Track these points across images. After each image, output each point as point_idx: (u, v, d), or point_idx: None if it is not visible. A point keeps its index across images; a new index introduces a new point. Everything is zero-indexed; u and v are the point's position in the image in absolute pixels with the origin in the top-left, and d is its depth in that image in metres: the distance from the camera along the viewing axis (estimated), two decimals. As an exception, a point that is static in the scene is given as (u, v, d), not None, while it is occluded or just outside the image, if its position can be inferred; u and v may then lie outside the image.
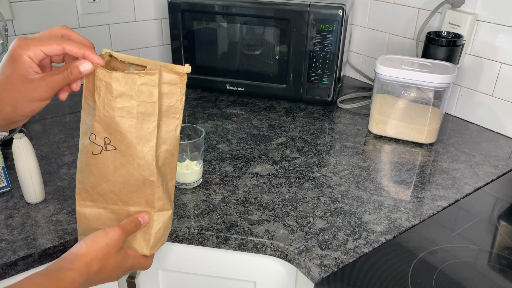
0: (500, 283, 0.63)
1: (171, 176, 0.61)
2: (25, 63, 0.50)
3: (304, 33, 1.09)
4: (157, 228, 0.61)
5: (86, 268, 0.53)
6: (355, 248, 0.68)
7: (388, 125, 1.01)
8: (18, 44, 0.50)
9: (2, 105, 0.51)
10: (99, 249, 0.54)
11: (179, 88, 0.56)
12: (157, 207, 0.60)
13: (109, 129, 0.55)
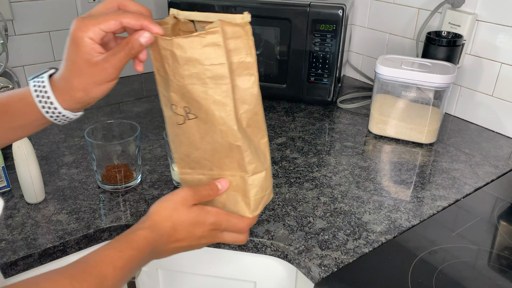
0: (500, 283, 0.63)
1: (261, 134, 0.59)
2: (87, 45, 0.49)
3: (304, 33, 1.09)
4: (254, 191, 0.59)
5: (156, 224, 0.53)
6: (355, 248, 0.68)
7: (388, 125, 1.01)
8: (77, 26, 0.49)
9: (74, 90, 0.51)
10: (167, 205, 0.55)
11: (245, 40, 0.52)
12: (250, 171, 0.57)
13: (185, 98, 0.53)
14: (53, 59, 1.22)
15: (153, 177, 0.85)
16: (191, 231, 0.56)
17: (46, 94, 0.51)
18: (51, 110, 0.52)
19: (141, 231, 0.52)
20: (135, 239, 0.51)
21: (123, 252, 0.49)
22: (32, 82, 0.52)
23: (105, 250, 0.48)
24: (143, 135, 1.01)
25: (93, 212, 0.75)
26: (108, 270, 0.46)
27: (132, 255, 0.49)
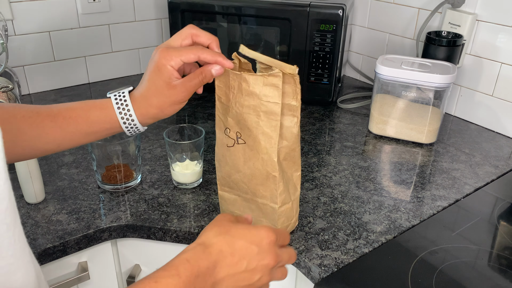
0: (500, 283, 0.63)
1: (295, 168, 0.66)
2: (169, 71, 0.57)
3: (304, 33, 1.09)
4: (281, 221, 0.66)
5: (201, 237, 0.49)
6: (355, 248, 0.68)
7: (388, 125, 1.01)
8: (162, 55, 0.57)
9: (151, 107, 0.59)
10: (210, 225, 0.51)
11: (293, 87, 0.59)
12: (279, 201, 0.64)
13: (239, 125, 0.62)
14: (53, 59, 1.22)
15: (153, 177, 0.85)
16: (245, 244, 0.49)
17: (127, 107, 0.58)
18: (128, 121, 0.59)
19: (183, 254, 0.47)
20: (174, 264, 0.45)
21: (159, 283, 0.43)
22: (113, 95, 0.59)
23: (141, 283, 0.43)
24: (143, 135, 1.01)
25: (93, 212, 0.75)
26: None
27: (170, 283, 0.43)
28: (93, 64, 1.29)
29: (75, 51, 1.24)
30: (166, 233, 0.73)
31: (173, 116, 1.12)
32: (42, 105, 0.59)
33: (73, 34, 1.22)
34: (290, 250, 0.54)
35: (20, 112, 0.57)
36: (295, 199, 0.68)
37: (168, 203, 0.78)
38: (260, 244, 0.49)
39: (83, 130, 0.59)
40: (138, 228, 0.74)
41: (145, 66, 1.38)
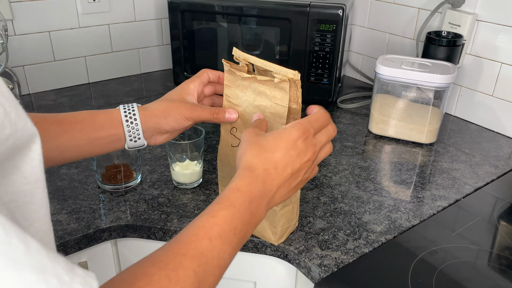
0: (500, 283, 0.63)
1: None
2: (189, 89, 0.63)
3: (304, 33, 1.09)
4: (282, 222, 0.67)
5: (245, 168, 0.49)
6: (355, 248, 0.68)
7: (388, 125, 1.01)
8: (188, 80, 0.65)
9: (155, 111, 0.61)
10: (243, 149, 0.52)
11: (295, 91, 0.60)
12: (280, 204, 0.64)
13: (247, 124, 0.62)
14: (53, 59, 1.22)
15: (153, 177, 0.85)
16: (283, 153, 0.50)
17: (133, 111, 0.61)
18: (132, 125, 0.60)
19: (232, 183, 0.48)
20: (226, 195, 0.46)
21: (216, 217, 0.44)
22: (122, 106, 0.62)
23: (197, 221, 0.44)
24: (143, 135, 1.01)
25: (93, 212, 0.75)
26: (204, 244, 0.41)
27: (227, 215, 0.44)
28: (93, 64, 1.29)
29: (75, 51, 1.24)
30: (166, 233, 0.73)
31: (173, 116, 1.12)
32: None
33: (73, 34, 1.22)
34: (328, 129, 0.56)
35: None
36: (296, 201, 0.68)
37: (168, 203, 0.78)
38: (296, 146, 0.51)
39: (88, 134, 0.59)
40: (138, 228, 0.74)
41: (145, 66, 1.38)
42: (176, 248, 0.41)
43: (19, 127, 0.29)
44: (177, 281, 0.37)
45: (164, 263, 0.38)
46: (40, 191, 0.34)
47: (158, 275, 0.37)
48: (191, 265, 0.39)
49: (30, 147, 0.31)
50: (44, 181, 0.34)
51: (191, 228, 0.43)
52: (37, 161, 0.32)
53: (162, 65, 1.42)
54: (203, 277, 0.40)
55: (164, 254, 0.40)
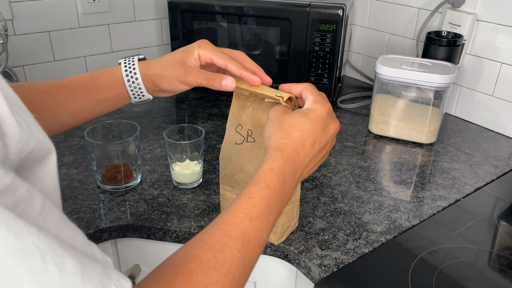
0: (500, 283, 0.63)
1: None
2: (193, 55, 0.60)
3: (304, 33, 1.09)
4: (282, 222, 0.67)
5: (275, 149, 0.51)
6: (355, 248, 0.68)
7: (388, 125, 1.01)
8: (198, 43, 0.61)
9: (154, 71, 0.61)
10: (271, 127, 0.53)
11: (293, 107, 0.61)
12: None
13: (253, 122, 0.62)
14: (53, 59, 1.22)
15: (153, 177, 0.85)
16: (310, 131, 0.52)
17: (134, 70, 0.61)
18: (134, 84, 0.61)
19: (265, 165, 0.50)
20: (261, 177, 0.48)
21: (254, 198, 0.46)
22: (122, 60, 0.62)
23: (236, 202, 0.46)
24: (143, 135, 1.01)
25: (93, 212, 0.75)
26: (245, 225, 0.44)
27: (263, 196, 0.47)
28: (93, 64, 1.29)
29: (75, 51, 1.24)
30: (166, 233, 0.73)
31: (173, 116, 1.12)
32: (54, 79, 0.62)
33: (73, 34, 1.22)
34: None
35: (35, 87, 0.60)
36: (296, 201, 0.68)
37: (168, 203, 0.78)
38: (322, 122, 0.53)
39: (94, 96, 0.61)
40: (138, 228, 0.74)
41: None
42: (220, 230, 0.43)
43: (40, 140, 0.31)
44: (223, 261, 0.40)
45: (211, 245, 0.41)
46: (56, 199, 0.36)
47: (206, 257, 0.39)
48: (236, 245, 0.42)
49: (50, 158, 0.33)
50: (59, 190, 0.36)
51: (231, 209, 0.45)
52: (55, 172, 0.34)
53: (162, 65, 1.41)
54: (247, 255, 0.43)
55: (209, 237, 0.42)
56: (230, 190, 0.69)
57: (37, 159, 0.32)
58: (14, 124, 0.28)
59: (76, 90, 0.61)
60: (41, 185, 0.33)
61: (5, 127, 0.27)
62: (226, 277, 0.40)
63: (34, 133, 0.30)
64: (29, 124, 0.30)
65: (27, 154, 0.30)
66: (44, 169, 0.33)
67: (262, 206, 0.46)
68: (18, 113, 0.29)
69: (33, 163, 0.32)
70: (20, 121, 0.29)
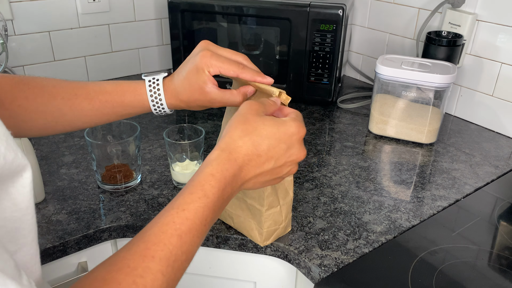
0: (500, 283, 0.63)
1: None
2: (205, 76, 0.58)
3: (304, 33, 1.09)
4: (268, 224, 0.66)
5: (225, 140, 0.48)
6: (355, 248, 0.68)
7: (388, 125, 1.01)
8: (204, 59, 0.58)
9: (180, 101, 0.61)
10: (234, 120, 0.50)
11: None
12: (266, 204, 0.64)
13: None
14: (53, 59, 1.22)
15: (153, 177, 0.85)
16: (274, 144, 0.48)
17: (159, 96, 0.61)
18: (158, 106, 0.62)
19: (207, 168, 0.46)
20: (200, 183, 0.44)
21: (187, 210, 0.42)
22: (147, 80, 0.62)
23: (167, 214, 0.42)
24: (143, 135, 1.01)
25: (93, 212, 0.75)
26: (173, 242, 0.40)
27: (198, 207, 0.43)
28: (93, 64, 1.29)
29: (75, 51, 1.24)
30: (166, 233, 0.73)
31: (173, 116, 1.12)
32: (75, 81, 0.63)
33: (73, 34, 1.22)
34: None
35: (59, 93, 0.60)
36: (285, 204, 0.67)
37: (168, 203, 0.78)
38: (290, 141, 0.49)
39: (118, 112, 0.62)
40: (138, 228, 0.73)
41: (145, 66, 1.38)
42: (144, 249, 0.39)
43: (8, 160, 0.31)
44: (144, 287, 0.37)
45: (132, 268, 0.38)
46: (29, 217, 0.35)
47: (126, 282, 0.36)
48: (160, 268, 0.39)
49: (22, 175, 0.33)
50: (33, 208, 0.35)
51: (160, 224, 0.41)
52: (28, 189, 0.33)
53: (162, 65, 1.42)
54: (172, 275, 0.40)
55: (131, 258, 0.38)
56: None
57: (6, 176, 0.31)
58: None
59: (101, 105, 0.62)
60: (12, 201, 0.33)
61: None
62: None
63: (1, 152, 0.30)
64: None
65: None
66: (16, 186, 0.32)
67: (196, 219, 0.42)
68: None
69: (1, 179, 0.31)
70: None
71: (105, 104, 0.62)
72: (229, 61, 0.58)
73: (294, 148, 0.50)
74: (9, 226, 0.33)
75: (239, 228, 0.70)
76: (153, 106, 0.62)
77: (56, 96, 0.60)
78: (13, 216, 0.33)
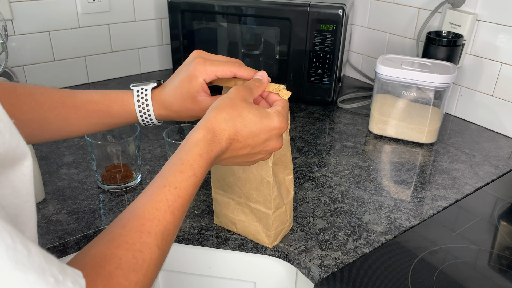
0: (500, 283, 0.63)
1: (287, 172, 0.66)
2: (199, 85, 0.58)
3: (304, 33, 1.09)
4: (275, 225, 0.67)
5: (211, 121, 0.50)
6: (355, 248, 0.68)
7: (388, 125, 1.01)
8: (197, 66, 0.58)
9: (170, 111, 0.61)
10: (222, 102, 0.52)
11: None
12: (273, 207, 0.64)
13: None
14: (52, 59, 1.22)
15: (153, 177, 0.85)
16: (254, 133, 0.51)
17: (147, 106, 0.61)
18: (146, 117, 0.62)
19: (196, 148, 0.48)
20: (190, 163, 0.46)
21: (179, 188, 0.45)
22: (135, 90, 0.61)
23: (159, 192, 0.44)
24: (143, 135, 1.01)
25: (93, 212, 0.75)
26: (167, 218, 0.43)
27: (189, 186, 0.46)
28: (93, 64, 1.29)
29: (75, 51, 1.24)
30: (166, 233, 0.73)
31: (173, 116, 1.12)
32: (64, 89, 0.62)
33: (73, 34, 1.22)
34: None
35: (46, 102, 0.60)
36: (288, 203, 0.68)
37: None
38: (270, 133, 0.52)
39: (104, 121, 0.62)
40: (138, 228, 0.73)
41: (145, 66, 1.38)
42: (140, 225, 0.41)
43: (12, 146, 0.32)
44: (143, 261, 0.39)
45: (130, 244, 0.39)
46: (29, 204, 0.37)
47: (126, 257, 0.38)
48: (156, 242, 0.41)
49: (23, 163, 0.34)
50: (33, 195, 0.37)
51: (153, 201, 0.43)
52: (29, 177, 0.35)
53: (161, 65, 1.42)
54: (166, 248, 0.43)
55: (128, 234, 0.40)
56: (222, 194, 0.69)
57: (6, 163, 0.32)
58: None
59: (87, 115, 0.61)
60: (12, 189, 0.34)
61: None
62: (145, 276, 0.39)
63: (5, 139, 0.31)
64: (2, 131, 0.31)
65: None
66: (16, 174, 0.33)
67: (186, 196, 0.45)
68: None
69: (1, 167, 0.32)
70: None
71: (92, 114, 0.61)
72: (224, 63, 0.59)
73: (272, 141, 0.53)
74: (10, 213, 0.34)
75: (244, 232, 0.70)
76: (140, 117, 0.62)
77: (43, 104, 0.60)
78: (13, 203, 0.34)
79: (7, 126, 0.31)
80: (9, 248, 0.25)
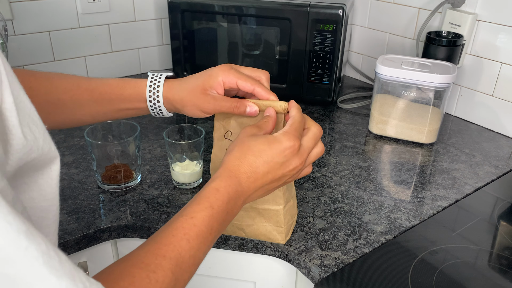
0: (500, 283, 0.63)
1: None
2: (215, 82, 0.59)
3: (304, 33, 1.09)
4: (286, 219, 0.67)
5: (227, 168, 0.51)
6: (355, 248, 0.68)
7: (388, 125, 1.01)
8: (222, 69, 0.60)
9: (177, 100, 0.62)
10: (231, 145, 0.54)
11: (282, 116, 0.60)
12: (284, 201, 0.65)
13: (242, 126, 0.62)
14: (52, 59, 1.22)
15: (153, 177, 0.85)
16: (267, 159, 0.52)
17: (157, 87, 0.62)
18: (155, 105, 0.63)
19: (212, 183, 0.50)
20: (206, 196, 0.48)
21: (194, 218, 0.46)
22: (150, 76, 0.63)
23: (176, 221, 0.46)
24: (143, 135, 1.01)
25: (93, 212, 0.75)
26: (182, 245, 0.44)
27: (205, 216, 0.47)
28: (93, 64, 1.29)
29: (75, 51, 1.24)
30: (166, 233, 0.73)
31: (173, 116, 1.12)
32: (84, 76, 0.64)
33: (73, 34, 1.22)
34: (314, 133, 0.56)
35: (62, 84, 0.62)
36: (294, 195, 0.69)
37: (168, 203, 0.78)
38: (283, 154, 0.53)
39: (116, 105, 0.63)
40: (138, 228, 0.73)
41: (145, 66, 1.38)
42: (156, 249, 0.43)
43: (45, 151, 0.33)
44: (156, 282, 0.40)
45: (146, 264, 0.41)
46: (54, 208, 0.37)
47: (140, 276, 0.40)
48: (170, 266, 0.42)
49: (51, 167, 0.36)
50: (58, 199, 0.38)
51: (170, 228, 0.45)
52: (56, 181, 0.36)
53: (162, 65, 1.42)
54: (180, 275, 0.43)
55: (145, 255, 0.42)
56: None
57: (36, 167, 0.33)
58: (19, 135, 0.30)
59: (100, 96, 0.63)
60: (39, 192, 0.35)
61: (10, 136, 0.30)
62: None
63: (39, 144, 0.32)
64: (37, 136, 0.32)
65: (26, 162, 0.32)
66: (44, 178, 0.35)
67: (202, 226, 0.46)
68: (27, 124, 0.31)
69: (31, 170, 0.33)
70: (27, 132, 0.31)
71: (105, 96, 0.63)
72: (247, 77, 0.60)
73: (292, 160, 0.54)
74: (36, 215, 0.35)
75: (254, 235, 0.70)
76: (149, 102, 0.63)
77: (59, 87, 0.61)
78: (40, 206, 0.36)
79: (41, 131, 0.33)
80: (44, 254, 0.27)
